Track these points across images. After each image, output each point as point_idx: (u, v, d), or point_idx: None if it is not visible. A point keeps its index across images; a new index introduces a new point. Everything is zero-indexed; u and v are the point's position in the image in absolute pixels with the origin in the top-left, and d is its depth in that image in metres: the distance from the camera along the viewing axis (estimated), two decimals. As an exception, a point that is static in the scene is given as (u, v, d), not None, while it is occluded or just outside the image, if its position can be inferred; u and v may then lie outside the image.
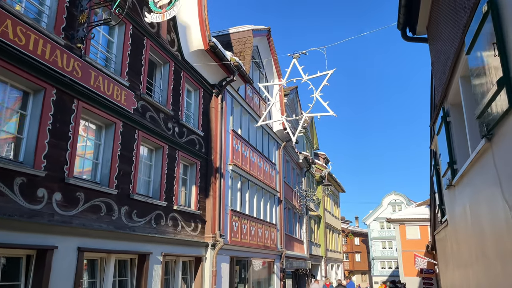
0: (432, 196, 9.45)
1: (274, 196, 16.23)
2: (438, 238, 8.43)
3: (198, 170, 10.41)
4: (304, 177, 23.83)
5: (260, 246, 13.86)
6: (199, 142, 10.63)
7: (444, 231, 6.81)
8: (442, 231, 7.36)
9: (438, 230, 8.13)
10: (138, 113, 8.08)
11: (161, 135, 8.80)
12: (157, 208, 8.47)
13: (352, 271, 57.08)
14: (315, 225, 27.03)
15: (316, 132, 29.84)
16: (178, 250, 9.11)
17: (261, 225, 14.15)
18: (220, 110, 11.56)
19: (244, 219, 12.65)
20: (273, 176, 16.24)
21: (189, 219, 9.76)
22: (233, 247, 11.64)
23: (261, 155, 14.99)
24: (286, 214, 18.84)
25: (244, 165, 13.04)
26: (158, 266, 8.26)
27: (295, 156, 21.92)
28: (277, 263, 15.93)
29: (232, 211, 11.73)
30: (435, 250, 10.66)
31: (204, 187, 10.66)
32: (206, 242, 10.30)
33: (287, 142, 18.14)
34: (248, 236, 12.82)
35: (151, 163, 8.82)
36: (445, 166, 5.26)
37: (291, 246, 19.08)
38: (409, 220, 35.11)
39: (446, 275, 7.07)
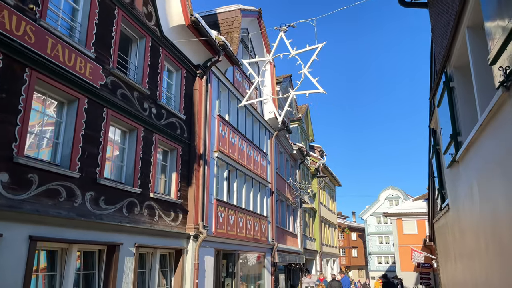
0: (431, 181, 8.76)
1: (265, 187, 15.50)
2: (437, 226, 7.72)
3: (179, 156, 9.65)
4: (298, 169, 23.11)
5: (249, 238, 13.15)
6: (181, 126, 9.86)
7: (445, 218, 6.10)
8: (442, 218, 6.65)
9: (437, 217, 7.42)
10: (107, 89, 7.29)
11: (135, 116, 8.03)
12: (130, 195, 7.71)
13: (349, 266, 56.64)
14: (309, 218, 26.35)
15: (312, 124, 29.10)
16: (155, 241, 8.37)
17: (250, 217, 13.43)
18: (205, 93, 10.78)
19: (231, 210, 11.92)
20: (264, 166, 15.50)
21: (168, 208, 9.01)
22: (219, 239, 10.91)
23: (251, 143, 14.24)
24: (278, 207, 18.13)
25: (231, 153, 12.29)
26: (130, 258, 7.52)
27: (289, 147, 21.18)
28: (268, 257, 15.23)
29: (218, 201, 10.99)
30: (434, 241, 9.99)
31: (186, 175, 9.91)
32: (188, 233, 9.57)
33: (279, 131, 17.38)
34: (236, 228, 12.10)
35: (124, 146, 8.06)
36: (447, 140, 4.53)
37: (283, 239, 18.39)
38: (406, 215, 34.55)
39: (446, 269, 6.38)
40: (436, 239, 7.99)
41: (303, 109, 26.69)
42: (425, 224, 34.13)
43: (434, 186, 8.10)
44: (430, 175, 8.69)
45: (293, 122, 24.61)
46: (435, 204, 8.08)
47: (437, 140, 6.52)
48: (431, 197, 9.06)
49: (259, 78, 8.11)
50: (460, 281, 4.73)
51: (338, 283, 15.32)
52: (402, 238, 34.15)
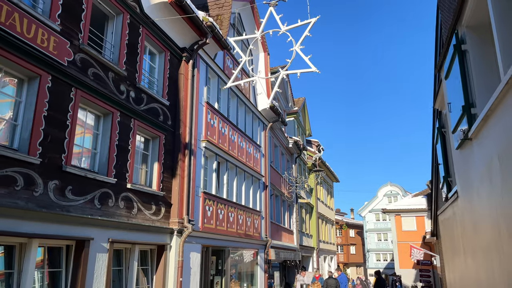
0: (434, 170, 8.06)
1: (258, 181, 14.80)
2: (442, 219, 7.04)
3: (162, 144, 8.93)
4: (294, 164, 22.41)
5: (241, 234, 12.46)
6: (164, 112, 9.14)
7: (452, 209, 5.42)
8: (448, 210, 5.97)
9: (442, 209, 6.74)
10: (75, 67, 6.56)
11: (110, 99, 7.30)
12: (103, 185, 7.00)
13: (347, 264, 56.05)
14: (306, 214, 25.69)
15: (309, 118, 28.38)
16: (133, 236, 7.67)
17: (242, 212, 12.73)
18: (191, 78, 10.05)
19: (221, 203, 11.22)
20: (257, 158, 14.80)
21: (149, 200, 8.31)
22: (206, 234, 10.22)
23: (243, 134, 13.53)
24: (273, 201, 17.44)
25: (221, 143, 11.57)
26: (103, 255, 6.81)
27: (285, 140, 20.47)
28: (261, 254, 14.56)
29: (205, 194, 10.29)
30: (437, 236, 9.32)
31: (169, 165, 9.20)
32: (171, 228, 8.86)
33: (274, 123, 16.66)
34: (226, 223, 11.40)
35: (98, 132, 7.34)
36: (457, 115, 3.85)
37: (278, 235, 17.71)
38: (405, 211, 33.93)
39: (454, 266, 5.71)
40: (441, 234, 7.32)
41: (300, 102, 25.97)
42: (424, 220, 33.54)
43: (438, 175, 7.41)
44: (433, 163, 7.98)
45: (289, 116, 23.90)
46: (439, 195, 7.40)
47: (442, 122, 5.83)
48: (435, 187, 8.39)
49: (247, 57, 7.38)
50: (472, 280, 4.05)
51: (335, 280, 14.63)
52: (401, 235, 33.55)
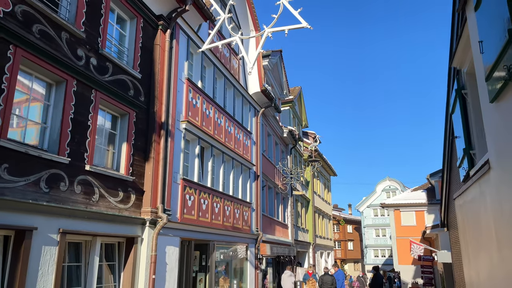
0: (448, 146, 6.93)
1: (248, 170, 13.68)
2: (460, 203, 5.93)
3: (132, 123, 7.79)
4: (289, 155, 21.30)
5: (228, 227, 11.36)
6: (135, 86, 7.99)
7: (478, 188, 4.32)
8: (471, 190, 4.86)
9: (460, 191, 5.62)
10: (14, 21, 5.40)
11: (62, 63, 6.14)
12: (53, 165, 5.87)
13: (345, 260, 55.18)
14: (302, 208, 24.62)
15: (305, 108, 27.25)
16: (94, 227, 6.54)
17: (229, 202, 11.62)
18: (169, 50, 8.89)
19: (205, 193, 10.11)
20: (247, 146, 13.67)
21: (115, 186, 7.18)
22: (186, 226, 9.11)
23: (232, 119, 12.39)
24: (265, 193, 16.35)
25: (205, 126, 10.44)
26: (50, 248, 5.69)
27: (279, 129, 19.35)
28: (252, 249, 13.47)
29: (185, 181, 9.16)
30: (448, 226, 8.21)
31: (142, 147, 8.07)
32: (143, 218, 7.74)
33: (266, 109, 15.52)
34: (210, 214, 10.29)
35: (49, 102, 6.19)
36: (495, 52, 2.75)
37: (271, 229, 16.63)
38: (405, 205, 32.91)
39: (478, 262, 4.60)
40: (458, 222, 6.21)
41: (296, 91, 24.83)
42: (424, 215, 32.54)
43: (452, 152, 6.33)
44: (447, 139, 6.85)
45: (284, 105, 22.77)
46: (453, 176, 6.32)
47: (463, 81, 4.74)
48: (447, 168, 7.27)
49: (226, 15, 6.22)
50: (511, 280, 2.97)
51: (330, 277, 13.58)
52: (399, 230, 32.57)
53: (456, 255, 7.46)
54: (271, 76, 18.49)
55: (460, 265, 6.68)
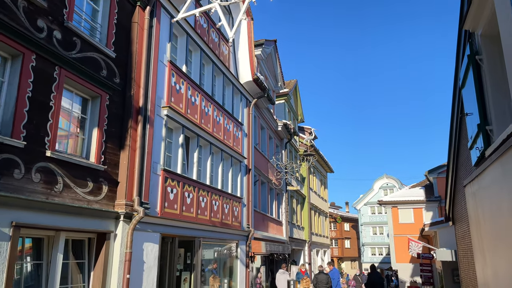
0: (456, 126, 6.18)
1: (239, 163, 12.96)
2: (473, 191, 5.20)
3: (104, 106, 7.05)
4: (284, 150, 20.59)
5: (215, 223, 10.64)
6: (109, 66, 7.25)
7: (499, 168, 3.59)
8: (488, 173, 4.13)
9: (473, 176, 4.89)
10: (-46, -21, 4.66)
11: (19, 34, 5.40)
12: (5, 149, 5.12)
13: (341, 258, 54.63)
14: (298, 205, 23.94)
15: (301, 103, 26.52)
16: (57, 220, 5.81)
17: (217, 196, 10.90)
18: (148, 29, 8.15)
19: (189, 186, 9.38)
20: (238, 137, 12.94)
21: (83, 175, 6.44)
22: (168, 221, 8.38)
23: (221, 108, 11.66)
24: (258, 188, 15.64)
25: (190, 114, 9.70)
26: (1, 244, 4.95)
27: (273, 123, 18.63)
28: (242, 246, 12.75)
29: (167, 172, 8.43)
30: (454, 220, 7.51)
31: (116, 134, 7.33)
32: (116, 211, 7.01)
33: (259, 99, 14.78)
34: (195, 208, 9.57)
35: (3, 78, 5.44)
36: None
37: (264, 226, 15.93)
38: (402, 202, 32.30)
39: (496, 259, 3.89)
40: (470, 213, 5.48)
41: (291, 84, 24.10)
42: (422, 212, 31.95)
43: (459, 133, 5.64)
44: (454, 118, 6.11)
45: (279, 98, 22.05)
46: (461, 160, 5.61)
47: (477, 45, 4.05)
48: (454, 152, 6.53)
49: None
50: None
51: (326, 276, 12.90)
52: (397, 228, 31.98)
53: (463, 252, 6.75)
54: (265, 67, 17.76)
55: (468, 263, 5.99)
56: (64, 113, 6.40)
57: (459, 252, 7.66)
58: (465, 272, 6.78)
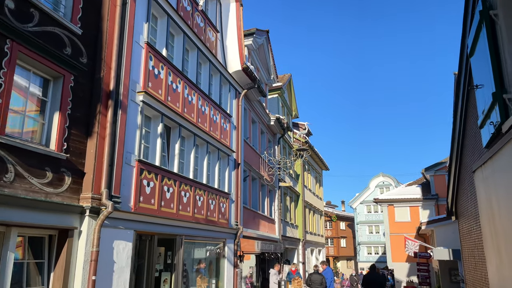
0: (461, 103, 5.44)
1: (227, 157, 12.25)
2: (483, 176, 4.49)
3: (68, 88, 6.30)
4: (277, 145, 19.89)
5: (199, 219, 9.93)
6: (74, 44, 6.51)
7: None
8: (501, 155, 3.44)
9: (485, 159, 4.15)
10: None
11: (-43, -2, 4.66)
12: None
13: (337, 257, 54.09)
14: (291, 202, 23.25)
15: (296, 98, 25.83)
16: (6, 214, 5.08)
17: (201, 192, 10.18)
18: (121, 6, 7.41)
19: (169, 179, 8.65)
20: (226, 130, 12.23)
21: (40, 164, 5.71)
22: (144, 217, 7.66)
23: (207, 98, 10.94)
24: (248, 184, 14.94)
25: (171, 102, 8.97)
26: None
27: (265, 117, 17.92)
28: (230, 244, 12.04)
29: (143, 163, 7.70)
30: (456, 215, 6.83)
31: (83, 119, 6.59)
32: (81, 205, 6.29)
33: (249, 90, 14.06)
34: (176, 204, 8.85)
35: None
36: None
37: (255, 224, 15.24)
38: (399, 201, 31.71)
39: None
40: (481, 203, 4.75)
41: (285, 78, 23.41)
42: (418, 211, 31.38)
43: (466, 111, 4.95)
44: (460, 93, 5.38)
45: (272, 92, 21.34)
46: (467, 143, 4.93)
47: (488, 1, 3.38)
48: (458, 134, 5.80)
49: None
50: None
51: (320, 276, 12.24)
52: (393, 226, 31.40)
53: (469, 250, 6.05)
54: (257, 58, 17.05)
55: (476, 262, 5.30)
56: (19, 94, 5.66)
57: (463, 250, 6.96)
58: (470, 273, 6.09)
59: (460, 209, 6.52)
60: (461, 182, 6.12)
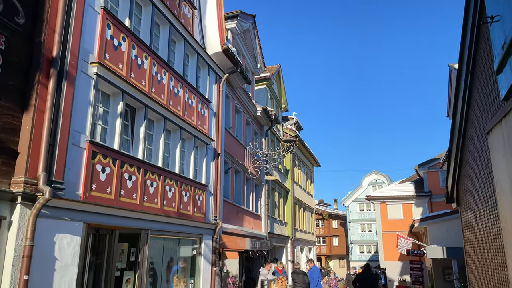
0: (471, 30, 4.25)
1: (205, 145, 11.23)
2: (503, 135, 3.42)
3: (-4, 50, 5.27)
4: (264, 138, 18.90)
5: (169, 212, 8.91)
6: (7, 0, 5.46)
7: None
8: None
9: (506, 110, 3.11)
10: None
11: None
12: None
13: (329, 256, 53.33)
14: (280, 199, 22.31)
15: (285, 90, 24.87)
16: None
17: (172, 182, 9.17)
18: (70, -38, 6.37)
19: (131, 165, 7.62)
20: (204, 116, 11.21)
21: (-47, 139, 4.67)
22: (97, 208, 6.61)
23: (181, 79, 9.91)
24: (231, 177, 13.95)
25: (135, 79, 7.94)
26: None
27: (251, 107, 16.93)
28: (208, 241, 11.03)
29: (95, 145, 6.66)
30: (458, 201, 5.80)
31: (16, 89, 5.55)
32: (11, 191, 5.25)
33: (230, 75, 13.04)
34: (140, 194, 7.83)
35: None
36: None
37: (238, 220, 14.25)
38: (391, 198, 30.91)
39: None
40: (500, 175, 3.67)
41: (274, 69, 22.43)
42: (411, 208, 30.60)
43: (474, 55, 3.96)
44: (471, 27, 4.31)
45: (260, 83, 20.37)
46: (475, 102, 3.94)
47: None
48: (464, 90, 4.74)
49: None
50: None
51: (301, 276, 11.28)
52: (386, 224, 30.60)
53: (474, 243, 5.04)
54: (242, 44, 16.04)
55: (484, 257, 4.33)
56: None
57: (466, 244, 5.90)
58: (477, 272, 5.07)
59: (463, 193, 5.48)
60: (466, 157, 5.10)
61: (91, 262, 7.21)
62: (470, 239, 5.29)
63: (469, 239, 5.33)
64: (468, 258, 5.69)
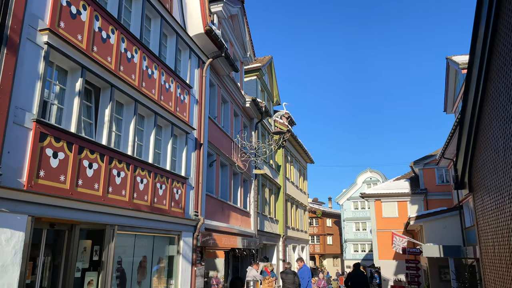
0: None
1: (185, 134, 10.31)
2: None
3: None
4: (254, 131, 18.00)
5: (141, 207, 7.99)
6: None
7: None
8: None
9: None
10: None
11: None
12: None
13: (323, 255, 52.60)
14: (271, 195, 21.42)
15: (277, 83, 23.98)
16: None
17: (144, 172, 8.24)
18: None
19: (92, 152, 6.68)
20: (184, 102, 10.28)
21: None
22: (47, 199, 5.67)
23: (157, 60, 8.98)
24: (216, 171, 13.03)
25: (98, 54, 6.99)
26: None
27: (240, 98, 16.02)
28: (187, 238, 10.11)
29: (44, 126, 5.72)
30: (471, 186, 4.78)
31: None
32: None
33: (215, 59, 12.10)
34: (104, 185, 6.90)
35: None
36: None
37: (224, 216, 13.35)
38: (386, 195, 30.16)
39: None
40: None
41: (265, 60, 21.52)
42: (406, 206, 29.87)
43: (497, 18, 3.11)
44: None
45: (250, 74, 19.46)
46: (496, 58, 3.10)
47: None
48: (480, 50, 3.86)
49: None
50: None
51: (291, 276, 10.42)
52: (381, 222, 29.86)
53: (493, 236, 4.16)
54: (230, 30, 15.11)
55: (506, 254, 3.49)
56: None
57: (480, 237, 4.96)
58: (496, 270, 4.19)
59: (480, 175, 4.51)
60: (485, 126, 4.18)
61: (45, 262, 6.29)
62: (488, 232, 4.39)
63: (487, 232, 4.43)
64: (484, 256, 4.81)
